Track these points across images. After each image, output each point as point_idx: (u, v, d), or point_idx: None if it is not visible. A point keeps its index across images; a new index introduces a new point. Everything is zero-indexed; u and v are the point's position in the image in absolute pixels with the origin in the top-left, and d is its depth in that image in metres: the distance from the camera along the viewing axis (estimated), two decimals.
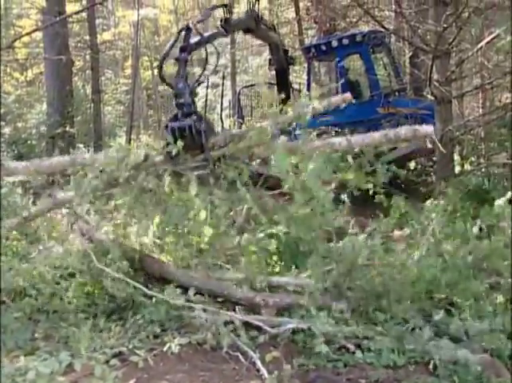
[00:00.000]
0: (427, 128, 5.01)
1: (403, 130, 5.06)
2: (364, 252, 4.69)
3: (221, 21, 6.61)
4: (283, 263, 5.44)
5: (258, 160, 6.55)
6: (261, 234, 5.27)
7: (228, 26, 6.64)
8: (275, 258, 5.43)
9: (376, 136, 5.18)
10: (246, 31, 8.03)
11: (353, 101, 6.95)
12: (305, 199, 4.49)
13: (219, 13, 7.06)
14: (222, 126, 11.88)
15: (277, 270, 5.34)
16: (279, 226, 5.28)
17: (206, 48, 6.06)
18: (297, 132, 9.17)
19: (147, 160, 4.98)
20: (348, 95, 5.52)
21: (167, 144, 5.01)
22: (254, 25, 7.73)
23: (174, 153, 4.93)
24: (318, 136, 6.16)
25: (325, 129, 10.11)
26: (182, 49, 5.67)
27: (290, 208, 4.67)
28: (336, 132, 9.89)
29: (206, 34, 6.24)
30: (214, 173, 4.94)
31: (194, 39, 5.85)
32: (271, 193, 5.11)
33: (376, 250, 4.79)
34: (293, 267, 5.30)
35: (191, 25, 5.81)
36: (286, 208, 4.77)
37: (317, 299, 4.35)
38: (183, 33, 5.80)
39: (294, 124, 7.09)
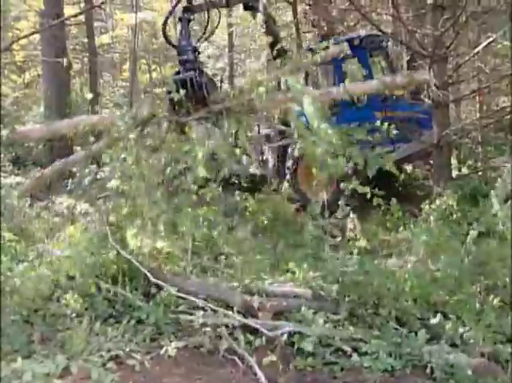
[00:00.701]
0: (423, 74, 5.08)
1: (399, 77, 5.16)
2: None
3: None
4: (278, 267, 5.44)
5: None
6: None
7: None
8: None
9: (373, 83, 5.25)
10: (246, 8, 8.10)
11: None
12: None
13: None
14: None
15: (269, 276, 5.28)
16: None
17: (209, 11, 6.24)
18: None
19: (153, 116, 5.04)
20: (343, 47, 5.56)
21: (169, 92, 5.08)
22: (254, 1, 7.83)
23: (176, 103, 5.02)
24: None
25: None
26: (185, 9, 5.89)
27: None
28: None
29: None
30: (217, 125, 5.01)
31: (197, 1, 6.08)
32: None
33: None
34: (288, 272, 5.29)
35: None
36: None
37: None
38: None
39: None
